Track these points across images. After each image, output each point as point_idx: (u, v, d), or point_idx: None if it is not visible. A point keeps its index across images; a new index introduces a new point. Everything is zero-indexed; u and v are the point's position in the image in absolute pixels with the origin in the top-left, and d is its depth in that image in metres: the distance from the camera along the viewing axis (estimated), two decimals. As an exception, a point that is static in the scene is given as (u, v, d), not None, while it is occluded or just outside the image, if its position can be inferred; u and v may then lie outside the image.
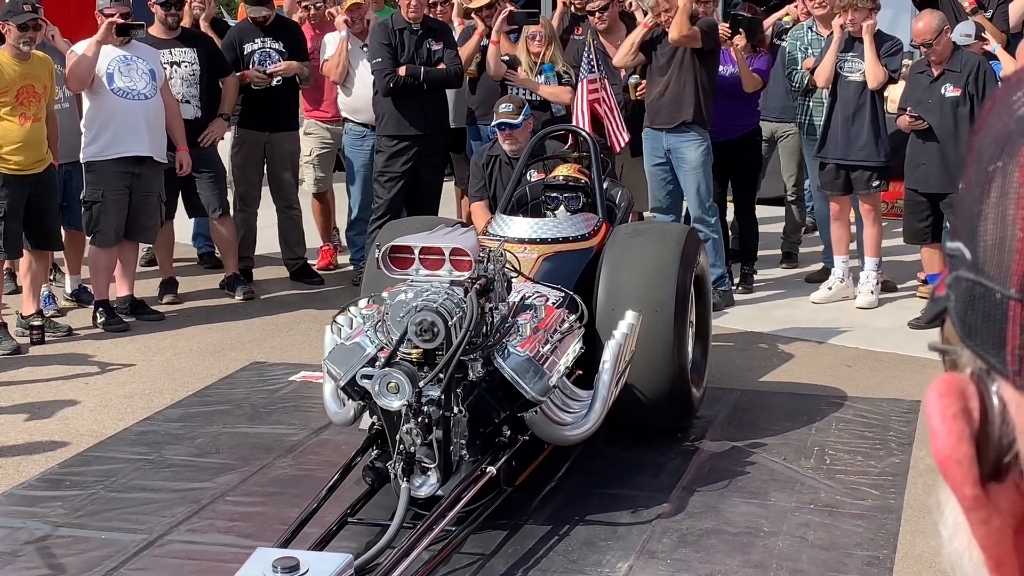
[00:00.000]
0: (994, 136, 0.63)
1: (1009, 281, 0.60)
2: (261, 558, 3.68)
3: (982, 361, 0.62)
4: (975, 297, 0.62)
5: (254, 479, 5.42)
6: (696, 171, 7.99)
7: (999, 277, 0.60)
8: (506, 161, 7.10)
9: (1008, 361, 0.60)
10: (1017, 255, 0.59)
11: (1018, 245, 0.59)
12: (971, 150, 0.65)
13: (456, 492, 4.51)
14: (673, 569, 4.54)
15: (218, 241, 8.90)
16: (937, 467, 0.62)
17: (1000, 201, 0.61)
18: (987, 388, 0.62)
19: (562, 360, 4.96)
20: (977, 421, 0.61)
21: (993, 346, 0.61)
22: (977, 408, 0.62)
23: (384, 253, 4.81)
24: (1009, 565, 0.62)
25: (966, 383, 0.62)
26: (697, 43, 7.83)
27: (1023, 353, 0.59)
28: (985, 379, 0.62)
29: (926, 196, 7.64)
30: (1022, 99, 0.62)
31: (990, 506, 0.61)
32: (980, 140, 0.64)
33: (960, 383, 0.62)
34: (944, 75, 7.51)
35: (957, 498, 0.62)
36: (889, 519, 4.94)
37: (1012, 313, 0.59)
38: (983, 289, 0.61)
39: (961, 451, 0.61)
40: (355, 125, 8.78)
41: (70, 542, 4.81)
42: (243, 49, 8.75)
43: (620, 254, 5.73)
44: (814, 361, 7.06)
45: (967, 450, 0.61)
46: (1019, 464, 0.61)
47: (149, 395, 6.57)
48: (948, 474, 0.61)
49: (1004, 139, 0.62)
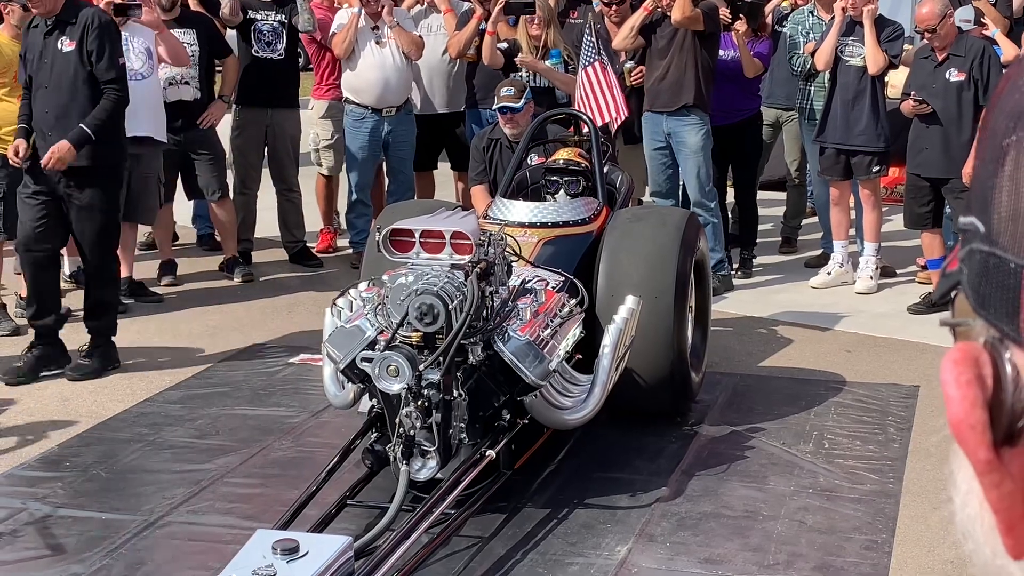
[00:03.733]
0: (1008, 112, 0.64)
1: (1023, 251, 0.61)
2: (261, 540, 3.69)
3: (995, 330, 0.64)
4: (989, 268, 0.63)
5: (254, 461, 5.43)
6: (696, 155, 7.98)
7: (1013, 247, 0.62)
8: (507, 145, 7.10)
9: (1022, 328, 0.62)
10: None
11: None
12: (984, 127, 0.67)
13: (455, 475, 4.52)
14: (672, 552, 4.55)
15: (217, 224, 8.89)
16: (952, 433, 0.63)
17: (1014, 174, 0.63)
18: (1000, 356, 0.63)
19: (562, 344, 4.97)
20: (991, 388, 0.63)
21: (1007, 314, 0.62)
22: (991, 375, 0.63)
23: (384, 236, 4.82)
24: (1021, 529, 0.63)
25: (980, 351, 0.64)
26: (699, 25, 7.82)
27: None
28: (998, 347, 0.63)
29: (928, 181, 7.64)
30: None
31: (1003, 470, 0.63)
32: (994, 116, 0.66)
33: (974, 351, 0.64)
34: (948, 60, 7.50)
35: (971, 463, 0.64)
36: (888, 503, 4.96)
37: None
38: (997, 260, 0.63)
39: (975, 416, 0.63)
40: (355, 106, 8.76)
41: (70, 523, 4.82)
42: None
43: (620, 239, 5.73)
44: (813, 346, 7.07)
45: (981, 415, 0.63)
46: None
47: (149, 377, 6.58)
48: (962, 439, 0.63)
49: (1018, 115, 0.63)
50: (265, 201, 9.09)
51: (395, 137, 8.79)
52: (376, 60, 8.60)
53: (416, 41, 8.70)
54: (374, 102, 8.66)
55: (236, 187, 8.97)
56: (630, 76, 8.27)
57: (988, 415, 0.63)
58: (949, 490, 0.67)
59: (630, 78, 8.26)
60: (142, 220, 8.30)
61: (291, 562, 3.57)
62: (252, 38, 8.74)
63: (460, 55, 8.77)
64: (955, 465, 0.66)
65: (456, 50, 8.73)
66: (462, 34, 8.62)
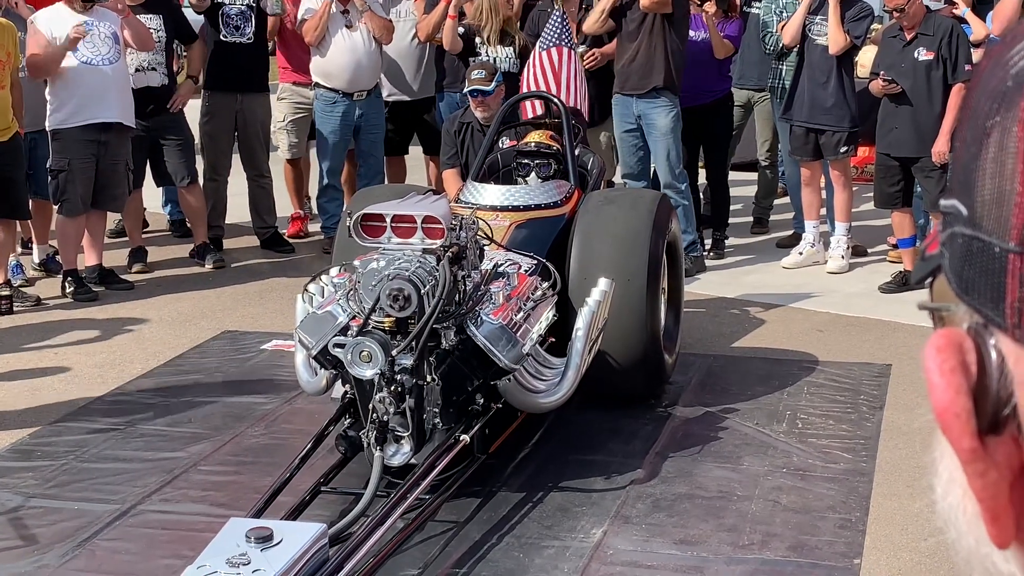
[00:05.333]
0: (990, 93, 0.63)
1: (1008, 234, 0.60)
2: (234, 528, 3.68)
3: (979, 315, 0.62)
4: (972, 252, 0.62)
5: (227, 448, 5.41)
6: (666, 137, 7.99)
7: (998, 231, 0.61)
8: (478, 128, 7.07)
9: (1007, 314, 0.60)
10: (1016, 208, 0.60)
11: (1017, 199, 0.60)
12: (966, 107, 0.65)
13: (430, 460, 4.51)
14: (647, 534, 4.56)
15: (187, 210, 8.84)
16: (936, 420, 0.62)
17: (998, 156, 0.61)
18: (984, 342, 0.62)
19: (535, 328, 4.96)
20: (975, 375, 0.62)
21: (991, 300, 0.61)
22: (975, 362, 0.62)
23: (355, 221, 4.79)
24: (1005, 518, 0.63)
25: (963, 338, 0.63)
26: (668, 8, 7.81)
27: (1022, 306, 0.60)
28: (982, 333, 0.62)
29: (898, 160, 7.66)
30: (1017, 56, 0.62)
31: (987, 459, 0.62)
32: (976, 97, 0.64)
33: (957, 337, 0.63)
34: (917, 39, 7.51)
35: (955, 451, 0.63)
36: (861, 482, 4.98)
37: (1011, 266, 0.60)
38: (981, 243, 0.62)
39: (959, 404, 0.62)
40: (326, 90, 8.71)
41: (42, 513, 4.79)
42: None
43: (592, 221, 5.73)
44: (786, 326, 7.09)
45: (965, 403, 0.62)
46: (1017, 417, 0.61)
47: (120, 365, 6.53)
48: (947, 427, 0.62)
49: (1001, 95, 0.62)
50: (236, 187, 9.04)
51: (366, 121, 8.76)
52: (347, 44, 8.55)
53: (387, 25, 8.66)
54: (345, 86, 8.63)
55: (206, 173, 8.93)
56: (583, 59, 8.26)
57: (972, 403, 0.62)
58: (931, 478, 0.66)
59: (584, 61, 8.26)
60: (111, 207, 8.23)
61: (265, 550, 3.55)
62: (220, 22, 8.68)
63: (429, 39, 8.74)
64: (937, 453, 0.66)
65: (425, 33, 8.70)
66: (430, 17, 8.59)
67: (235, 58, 8.69)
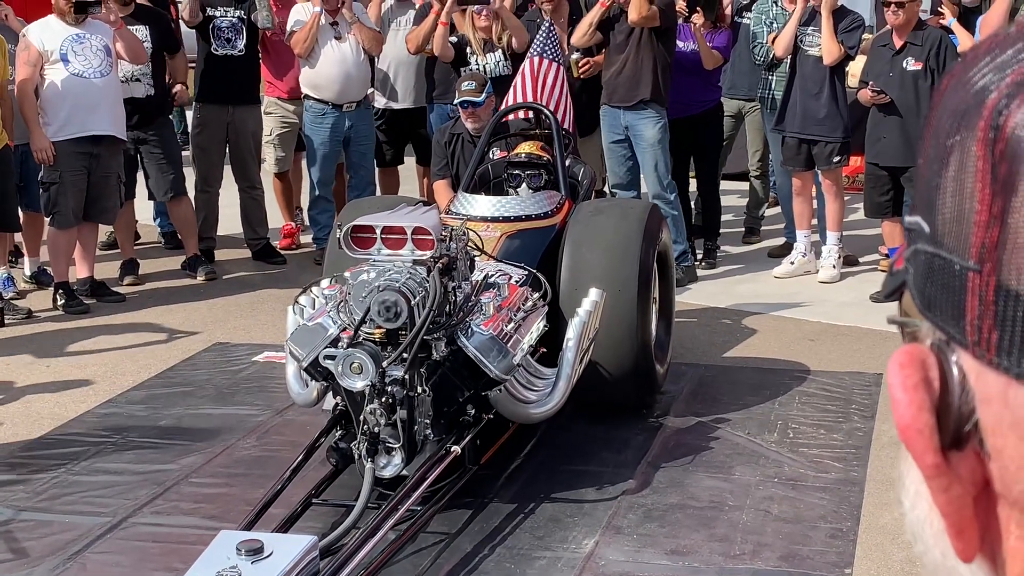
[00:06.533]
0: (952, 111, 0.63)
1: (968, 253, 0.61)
2: (225, 541, 3.67)
3: (942, 332, 0.63)
4: (934, 269, 0.63)
5: (218, 460, 5.40)
6: (654, 148, 8.01)
7: (958, 249, 0.61)
8: (468, 139, 7.08)
9: (967, 331, 0.61)
10: (975, 227, 0.60)
11: (975, 217, 0.60)
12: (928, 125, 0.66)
13: (421, 472, 4.51)
14: (639, 544, 4.56)
15: (177, 222, 8.84)
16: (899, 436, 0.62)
17: (958, 175, 0.62)
18: (947, 358, 0.63)
19: (526, 338, 4.96)
20: (937, 391, 0.62)
21: (952, 317, 0.62)
22: (937, 378, 0.63)
23: (346, 233, 4.79)
24: (970, 531, 0.63)
25: (926, 354, 0.63)
26: (656, 22, 7.84)
27: (982, 323, 0.60)
28: (945, 350, 0.63)
29: (887, 170, 7.67)
30: (978, 75, 0.63)
31: (951, 474, 0.62)
32: (937, 115, 0.65)
33: (920, 354, 0.63)
34: (906, 48, 7.53)
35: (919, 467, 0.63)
36: (852, 491, 4.98)
37: (971, 284, 0.60)
38: (942, 261, 0.62)
39: (922, 420, 0.62)
40: (315, 102, 8.72)
41: (33, 526, 4.78)
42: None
43: (583, 231, 5.73)
44: (777, 336, 7.10)
45: (928, 419, 0.62)
46: (979, 432, 0.62)
47: (111, 377, 6.53)
48: (910, 443, 0.63)
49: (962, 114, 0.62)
50: (227, 198, 9.04)
51: (356, 132, 8.76)
52: (336, 56, 8.56)
53: (376, 36, 8.68)
54: (335, 97, 8.63)
55: (198, 185, 8.93)
56: (577, 67, 8.27)
57: (935, 419, 0.62)
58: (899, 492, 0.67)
59: (577, 69, 8.27)
60: (103, 220, 8.23)
61: (256, 563, 3.54)
62: (211, 35, 8.69)
63: (419, 50, 8.75)
64: (904, 467, 0.66)
65: (415, 44, 8.71)
66: (420, 28, 8.60)
67: (226, 70, 8.70)
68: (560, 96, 7.35)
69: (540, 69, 7.38)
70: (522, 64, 7.59)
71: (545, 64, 7.41)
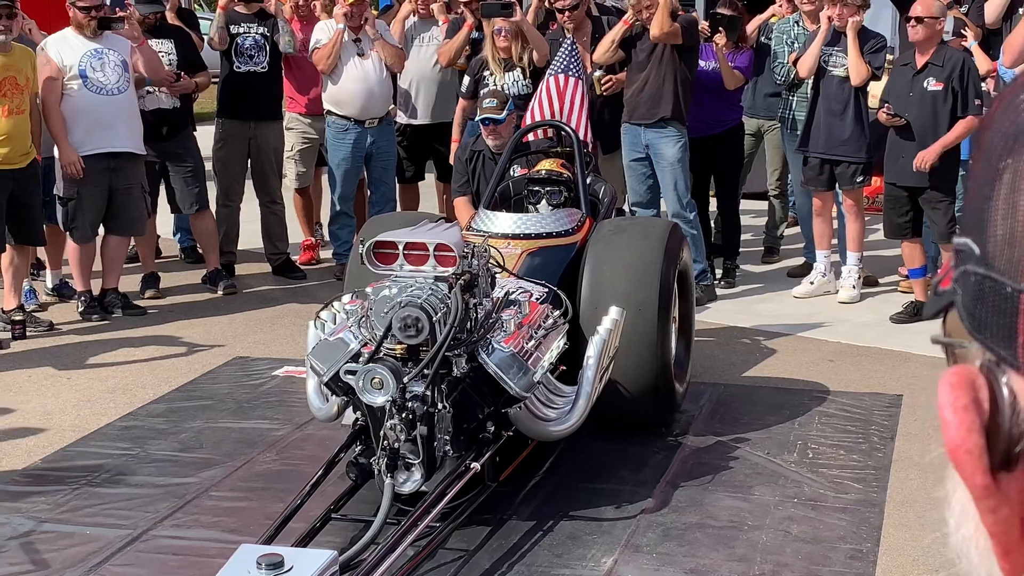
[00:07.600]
0: (1003, 133, 0.64)
1: (1020, 275, 0.61)
2: (245, 554, 3.67)
3: (992, 354, 0.63)
4: (985, 291, 0.63)
5: (238, 474, 5.42)
6: (674, 167, 8.01)
7: (1010, 271, 0.62)
8: (489, 156, 7.09)
9: (1019, 353, 0.61)
10: None
11: None
12: (979, 147, 0.66)
13: (440, 488, 4.51)
14: (658, 563, 4.55)
15: (198, 236, 8.88)
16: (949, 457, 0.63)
17: (1010, 197, 0.62)
18: (997, 379, 0.63)
19: (546, 356, 4.96)
20: (987, 412, 0.63)
21: (1004, 339, 0.62)
22: (987, 399, 0.63)
23: (368, 249, 4.81)
24: (1017, 552, 0.63)
25: (976, 375, 0.64)
26: (677, 39, 7.85)
27: None
28: (995, 371, 0.63)
29: (906, 190, 7.66)
30: None
31: (1000, 495, 0.63)
32: (988, 137, 0.65)
33: (970, 375, 0.64)
34: (927, 68, 7.52)
35: (968, 487, 0.63)
36: (872, 512, 4.97)
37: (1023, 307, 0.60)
38: (993, 283, 0.62)
39: (972, 441, 0.62)
40: (337, 118, 8.76)
41: (54, 537, 4.80)
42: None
43: (604, 250, 5.74)
44: (796, 355, 7.09)
45: (978, 440, 0.62)
46: None
47: (132, 390, 6.55)
48: (959, 464, 0.63)
49: (1013, 137, 0.63)
50: (248, 213, 9.08)
51: (378, 148, 8.80)
52: (359, 72, 8.60)
53: (399, 53, 8.72)
54: (357, 114, 8.67)
55: (219, 199, 8.97)
56: (599, 84, 8.28)
57: (985, 440, 0.63)
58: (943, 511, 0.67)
59: (599, 86, 8.28)
60: (131, 232, 8.19)
61: (276, 576, 3.55)
62: (234, 53, 8.74)
63: (451, 64, 8.78)
64: (950, 486, 0.66)
65: (447, 58, 8.74)
66: (453, 42, 8.63)
67: (248, 87, 8.75)
68: (581, 113, 7.36)
69: (562, 86, 7.39)
70: (542, 82, 7.60)
71: (569, 81, 7.42)
